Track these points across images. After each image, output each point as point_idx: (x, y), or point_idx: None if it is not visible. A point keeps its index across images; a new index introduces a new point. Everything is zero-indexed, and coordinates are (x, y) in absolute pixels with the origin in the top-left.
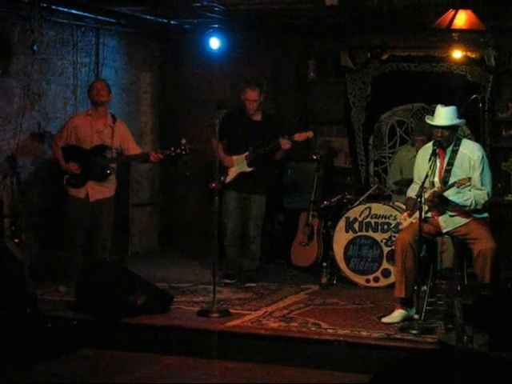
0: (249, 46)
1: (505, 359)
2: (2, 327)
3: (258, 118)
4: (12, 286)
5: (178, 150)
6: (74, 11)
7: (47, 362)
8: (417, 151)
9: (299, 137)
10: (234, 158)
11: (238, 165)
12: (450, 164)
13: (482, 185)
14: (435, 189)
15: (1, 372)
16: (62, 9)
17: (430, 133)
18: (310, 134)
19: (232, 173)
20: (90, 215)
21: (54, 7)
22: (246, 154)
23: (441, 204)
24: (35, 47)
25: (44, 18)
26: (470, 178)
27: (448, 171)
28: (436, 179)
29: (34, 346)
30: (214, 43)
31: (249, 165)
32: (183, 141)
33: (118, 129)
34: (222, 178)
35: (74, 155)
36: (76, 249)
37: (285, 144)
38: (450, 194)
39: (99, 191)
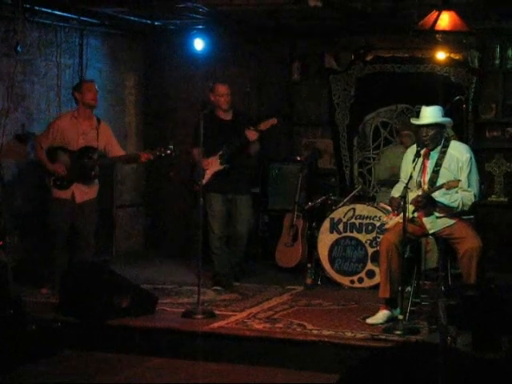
0: (233, 47)
1: (488, 360)
2: None
3: (228, 117)
4: None
5: (168, 152)
6: (57, 12)
7: (31, 363)
8: (405, 147)
9: (264, 125)
10: (210, 159)
11: (212, 165)
12: (438, 165)
13: (468, 186)
14: (423, 189)
15: None
16: (45, 10)
17: (416, 129)
18: (274, 120)
19: (207, 174)
20: (74, 216)
21: (37, 8)
22: (220, 153)
23: (428, 205)
24: (19, 48)
25: (27, 18)
26: (459, 181)
27: (436, 172)
28: (423, 180)
29: (17, 347)
30: (199, 44)
31: (221, 162)
32: (171, 145)
33: (103, 130)
34: (200, 181)
35: (59, 157)
36: (60, 250)
37: (251, 135)
38: (438, 196)
39: (85, 193)
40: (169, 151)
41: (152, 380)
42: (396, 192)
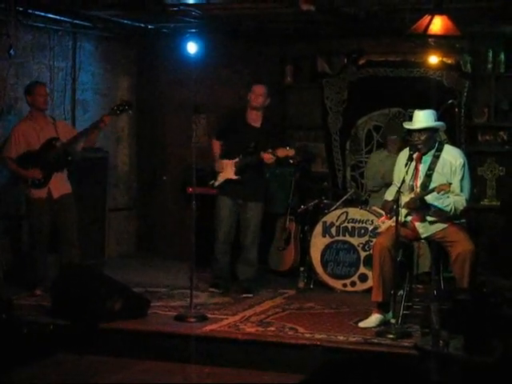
0: (226, 50)
1: (480, 364)
2: None
3: (257, 124)
4: None
5: (121, 107)
6: (50, 15)
7: (23, 367)
8: (388, 152)
9: (282, 152)
10: (225, 162)
11: (226, 170)
12: (431, 169)
13: (461, 191)
14: (415, 193)
15: None
16: (38, 13)
17: (403, 133)
18: (292, 151)
19: (221, 177)
20: (54, 214)
21: (30, 11)
22: (236, 160)
23: (421, 208)
24: (12, 51)
25: (20, 22)
26: (450, 184)
27: (429, 176)
28: (416, 184)
29: (9, 351)
30: (191, 48)
31: (236, 172)
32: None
33: (60, 125)
34: (212, 181)
35: (29, 160)
36: (43, 252)
37: (267, 158)
38: (431, 199)
39: (61, 186)
40: (121, 107)
41: (144, 383)
42: (389, 195)
